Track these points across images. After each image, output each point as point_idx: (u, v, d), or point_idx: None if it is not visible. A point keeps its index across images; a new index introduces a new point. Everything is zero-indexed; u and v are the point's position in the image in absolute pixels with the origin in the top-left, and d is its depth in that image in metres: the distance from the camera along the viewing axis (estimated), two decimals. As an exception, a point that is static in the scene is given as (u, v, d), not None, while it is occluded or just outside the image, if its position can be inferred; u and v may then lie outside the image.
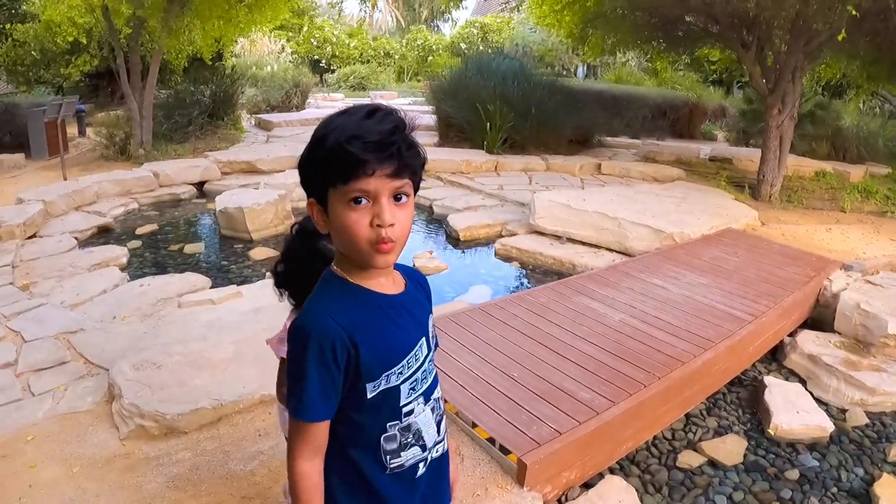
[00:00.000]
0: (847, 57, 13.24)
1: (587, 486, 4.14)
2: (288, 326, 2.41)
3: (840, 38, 8.85)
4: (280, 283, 2.70)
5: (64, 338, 5.44)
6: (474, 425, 4.05)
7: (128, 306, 6.16)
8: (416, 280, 2.02)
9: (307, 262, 2.42)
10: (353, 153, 1.59)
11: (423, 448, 1.93)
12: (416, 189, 1.78)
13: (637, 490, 4.24)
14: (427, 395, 1.93)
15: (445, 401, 4.26)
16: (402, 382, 1.83)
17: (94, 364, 5.05)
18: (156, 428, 4.11)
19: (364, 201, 1.63)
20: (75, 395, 4.61)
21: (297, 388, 1.71)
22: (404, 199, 1.71)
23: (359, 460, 1.85)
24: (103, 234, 9.10)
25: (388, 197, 1.66)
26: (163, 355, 4.78)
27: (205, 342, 4.99)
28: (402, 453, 1.88)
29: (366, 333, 1.72)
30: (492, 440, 3.89)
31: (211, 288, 6.74)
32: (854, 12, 8.36)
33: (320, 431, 1.76)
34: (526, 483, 3.64)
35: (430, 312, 2.03)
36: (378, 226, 1.65)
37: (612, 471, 4.49)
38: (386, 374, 1.79)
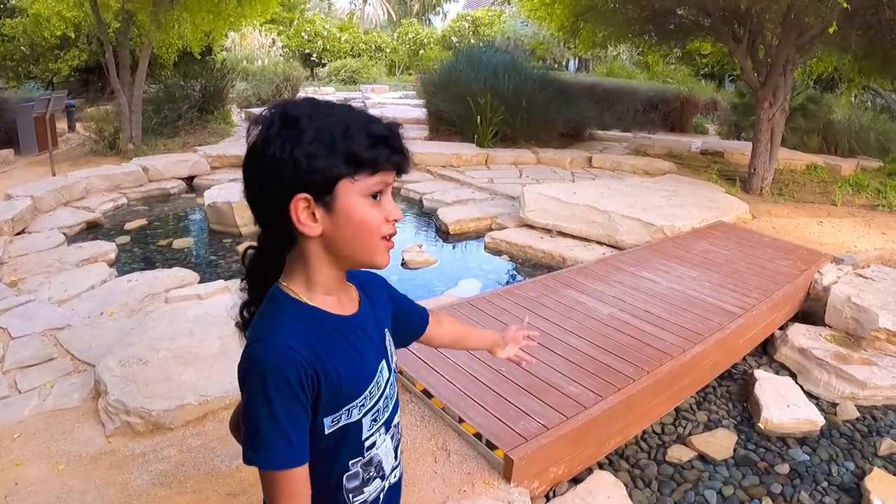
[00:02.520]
0: (838, 51, 13.23)
1: (575, 480, 4.12)
2: None
3: (831, 31, 8.85)
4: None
5: (51, 334, 5.41)
6: (461, 420, 4.03)
7: (115, 302, 6.12)
8: (368, 286, 1.82)
9: None
10: (394, 143, 1.51)
11: (383, 478, 1.78)
12: None
13: (626, 485, 4.23)
14: (388, 423, 1.76)
15: (431, 395, 4.26)
16: (364, 415, 1.64)
17: (80, 360, 5.03)
18: (141, 424, 4.08)
19: (380, 196, 1.53)
20: (62, 392, 4.58)
21: (260, 433, 1.44)
22: None
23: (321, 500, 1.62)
24: (92, 230, 9.06)
25: (390, 191, 1.58)
26: (149, 351, 4.75)
27: (191, 337, 4.96)
28: (364, 489, 1.72)
29: (325, 362, 1.51)
30: (478, 435, 3.87)
31: (199, 283, 6.72)
32: (845, 5, 8.33)
33: (298, 480, 1.50)
34: (513, 479, 3.62)
35: (388, 325, 1.83)
36: (394, 220, 1.57)
37: (600, 465, 4.48)
38: (347, 407, 1.59)
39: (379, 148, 1.47)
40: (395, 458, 1.83)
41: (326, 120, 1.46)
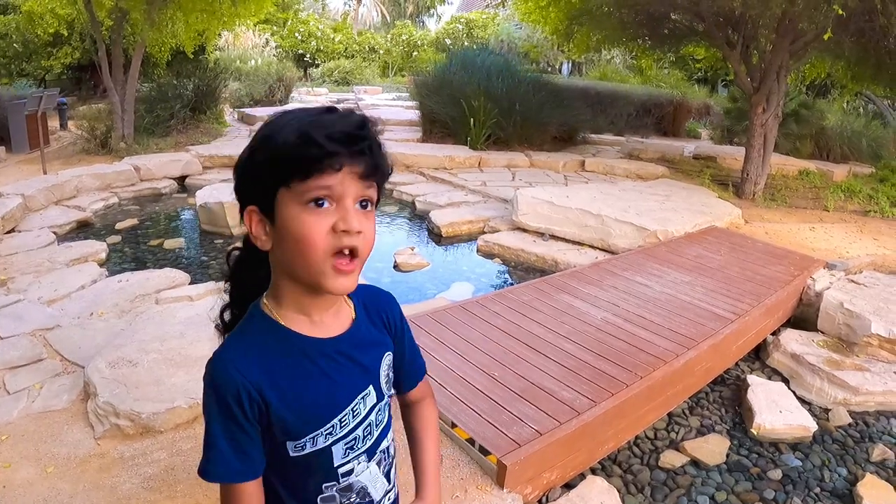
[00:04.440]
0: (832, 57, 13.25)
1: (568, 486, 4.10)
2: None
3: (826, 37, 8.84)
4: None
5: (40, 335, 5.36)
6: (454, 425, 4.01)
7: (105, 302, 6.08)
8: (372, 305, 1.70)
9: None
10: (318, 142, 1.32)
11: (371, 503, 1.66)
12: (378, 201, 1.49)
13: (619, 490, 4.21)
14: (372, 451, 1.64)
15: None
16: (334, 444, 1.53)
17: (70, 361, 4.98)
18: (131, 427, 4.05)
19: (326, 203, 1.35)
20: (51, 393, 4.53)
21: (204, 444, 1.44)
22: (370, 206, 1.44)
23: None
24: (83, 229, 9.01)
25: (353, 201, 1.38)
26: (139, 353, 4.71)
27: (182, 339, 4.92)
28: None
29: (280, 387, 1.44)
30: (471, 441, 3.85)
31: (190, 284, 6.68)
32: (840, 12, 8.34)
33: (246, 494, 1.45)
34: (506, 484, 3.60)
35: (390, 349, 1.72)
36: (343, 231, 1.36)
37: (593, 471, 4.46)
38: (311, 435, 1.49)
39: (307, 146, 1.33)
40: (389, 481, 1.74)
41: (270, 128, 1.40)
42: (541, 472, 3.87)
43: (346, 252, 1.38)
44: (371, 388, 1.61)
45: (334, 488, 1.58)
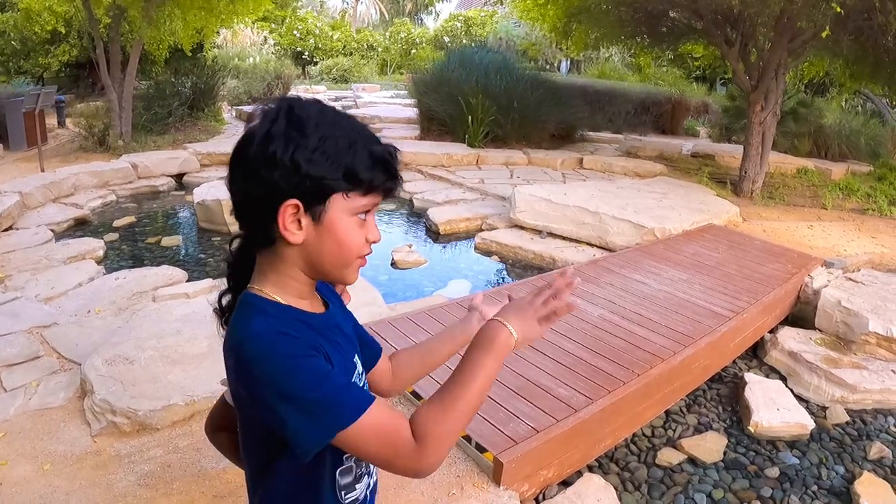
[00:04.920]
0: (830, 55, 13.24)
1: (565, 484, 4.10)
2: None
3: (824, 35, 8.84)
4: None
5: (37, 332, 5.36)
6: (451, 422, 3.99)
7: (103, 300, 6.07)
8: (328, 294, 1.74)
9: None
10: (392, 173, 1.46)
11: (370, 474, 1.71)
12: None
13: (616, 488, 4.21)
14: None
15: (420, 397, 4.23)
16: None
17: (66, 359, 4.99)
18: (128, 425, 4.05)
19: (365, 216, 1.48)
20: (47, 390, 4.53)
21: (320, 402, 1.32)
22: None
23: (313, 501, 1.57)
24: (80, 227, 9.01)
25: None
26: (136, 350, 4.71)
27: (179, 337, 4.92)
28: (356, 486, 1.63)
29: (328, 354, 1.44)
30: (468, 438, 3.83)
31: (187, 281, 6.68)
32: (838, 10, 8.34)
33: (382, 409, 1.37)
34: (502, 482, 3.59)
35: (353, 321, 1.81)
36: (372, 242, 1.51)
37: (590, 468, 4.46)
38: None
39: (377, 170, 1.43)
40: None
41: (332, 129, 1.40)
42: (537, 470, 3.87)
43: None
44: (356, 355, 1.67)
45: (352, 459, 1.60)
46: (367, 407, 1.35)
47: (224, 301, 1.65)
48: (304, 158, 1.36)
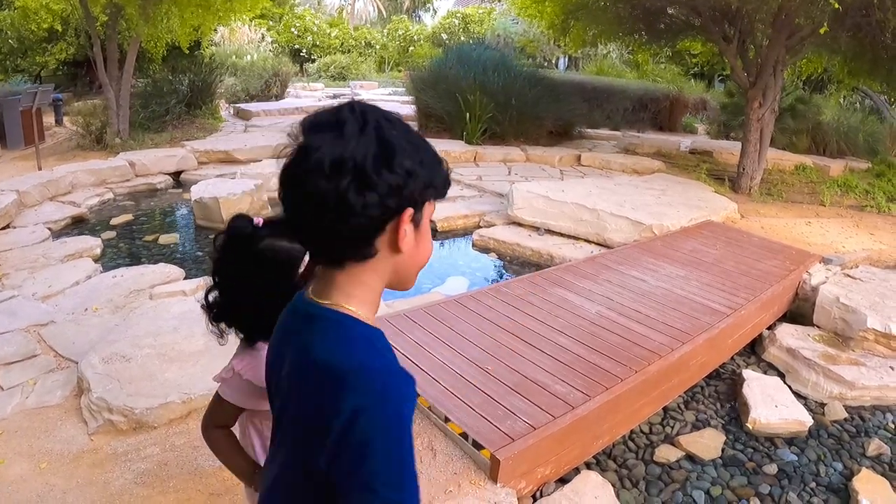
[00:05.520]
0: (828, 52, 13.24)
1: (563, 481, 4.10)
2: (235, 365, 2.10)
3: (822, 31, 8.83)
4: (219, 317, 2.06)
5: (35, 330, 5.36)
6: (447, 420, 3.99)
7: (100, 298, 6.07)
8: None
9: (251, 275, 1.92)
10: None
11: None
12: None
13: (613, 485, 4.21)
14: None
15: (417, 395, 4.22)
16: None
17: (63, 357, 4.99)
18: (124, 423, 4.04)
19: None
20: (45, 389, 4.53)
21: (405, 472, 1.26)
22: None
23: None
24: (77, 225, 9.00)
25: None
26: (133, 348, 4.70)
27: (176, 334, 4.91)
28: None
29: None
30: (465, 435, 3.83)
31: (185, 279, 6.67)
32: (836, 6, 8.32)
33: None
34: (499, 479, 3.59)
35: None
36: None
37: (588, 465, 4.46)
38: None
39: (448, 182, 1.45)
40: None
41: (419, 138, 1.39)
42: (535, 467, 3.86)
43: None
44: None
45: None
46: None
47: (211, 297, 1.65)
48: (418, 166, 1.33)
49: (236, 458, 2.22)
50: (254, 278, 1.91)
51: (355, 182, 1.26)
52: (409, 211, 1.33)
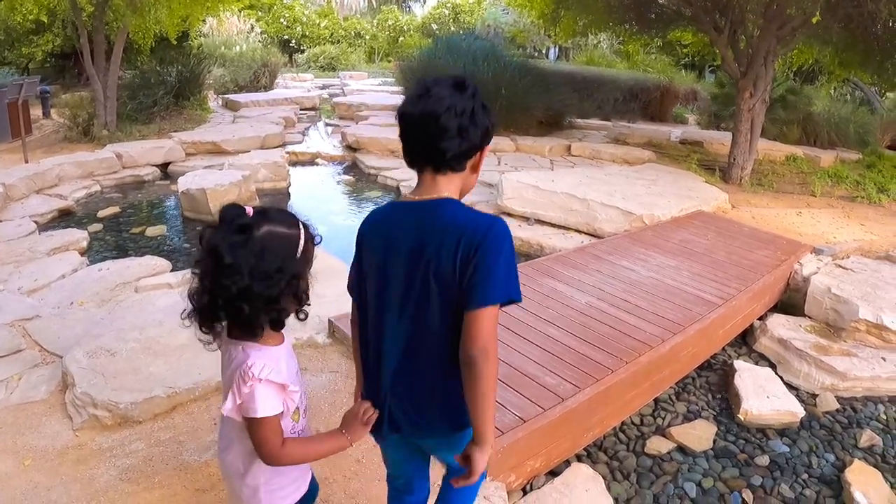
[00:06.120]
0: (820, 43, 13.23)
1: (553, 473, 4.07)
2: (252, 368, 1.95)
3: (815, 21, 8.80)
4: (211, 316, 2.01)
5: (20, 325, 5.29)
6: (436, 412, 3.94)
7: (86, 291, 6.00)
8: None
9: (256, 264, 1.90)
10: None
11: None
12: None
13: (604, 477, 4.18)
14: None
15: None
16: None
17: (49, 352, 4.93)
18: (109, 418, 3.99)
19: None
20: (29, 384, 4.47)
21: (515, 277, 2.09)
22: None
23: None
24: (64, 218, 8.94)
25: None
26: (118, 342, 4.65)
27: (161, 328, 4.86)
28: None
29: None
30: (453, 428, 3.78)
31: (171, 271, 6.61)
32: (828, -5, 8.31)
33: None
34: (488, 473, 3.54)
35: None
36: None
37: (578, 458, 4.44)
38: None
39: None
40: None
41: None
42: (524, 460, 3.83)
43: None
44: None
45: None
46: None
47: (194, 301, 1.99)
48: (490, 119, 2.19)
49: (324, 446, 2.23)
50: (260, 265, 1.90)
51: (470, 121, 2.10)
52: (488, 147, 2.22)
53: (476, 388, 2.02)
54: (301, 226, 2.05)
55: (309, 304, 2.11)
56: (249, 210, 1.96)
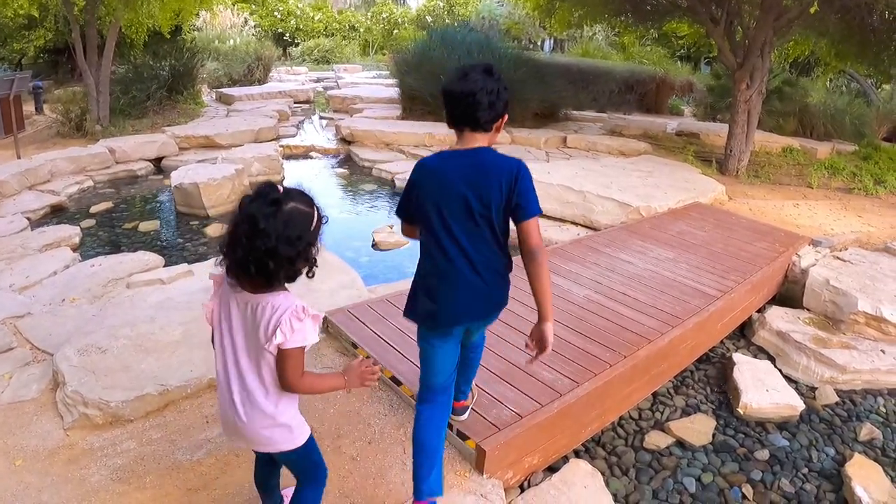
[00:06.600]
0: (816, 34, 13.21)
1: (551, 469, 4.01)
2: (302, 306, 2.44)
3: (813, 10, 8.73)
4: (247, 267, 2.39)
5: (11, 323, 5.23)
6: (432, 409, 3.89)
7: (78, 288, 5.95)
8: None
9: (281, 231, 2.33)
10: None
11: None
12: None
13: (602, 473, 4.14)
14: None
15: (400, 383, 4.13)
16: None
17: (40, 350, 4.87)
18: (100, 416, 3.93)
19: None
20: (20, 383, 4.41)
21: (537, 199, 2.96)
22: None
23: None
24: (57, 214, 8.87)
25: None
26: (109, 339, 4.59)
27: (152, 324, 4.80)
28: None
29: None
30: (449, 425, 3.71)
31: (164, 266, 6.55)
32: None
33: None
34: (486, 470, 3.50)
35: None
36: None
37: (576, 453, 4.40)
38: None
39: None
40: None
41: None
42: (522, 457, 3.78)
43: None
44: None
45: None
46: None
47: (235, 255, 2.36)
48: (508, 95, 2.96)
49: (326, 382, 2.72)
50: (285, 232, 2.33)
51: (497, 97, 2.88)
52: (506, 115, 2.97)
53: (539, 275, 3.03)
54: (316, 206, 2.49)
55: (317, 266, 2.51)
56: (280, 189, 2.39)
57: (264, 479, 3.02)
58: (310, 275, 2.52)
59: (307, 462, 2.80)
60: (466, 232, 2.98)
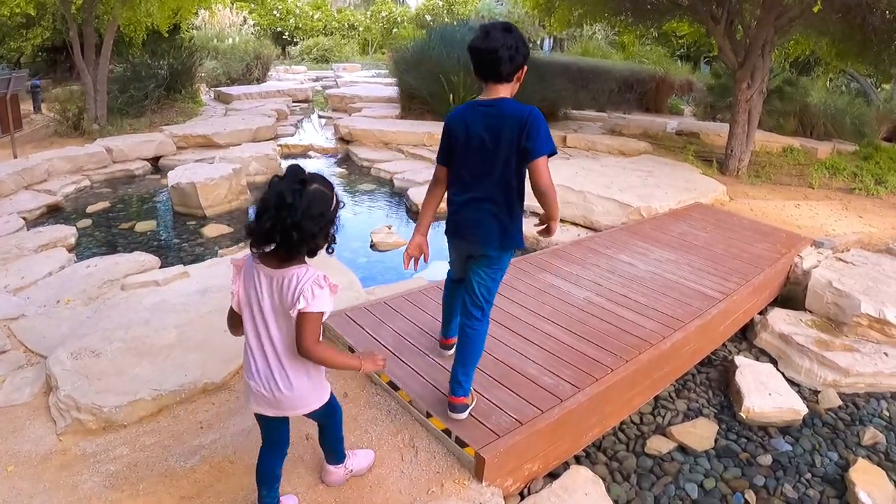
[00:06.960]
0: (817, 33, 13.18)
1: (552, 476, 3.95)
2: (323, 276, 2.68)
3: (815, 10, 8.69)
4: (272, 239, 2.63)
5: (4, 325, 5.19)
6: (429, 415, 3.83)
7: (73, 289, 5.89)
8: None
9: (305, 209, 2.56)
10: None
11: None
12: None
13: (604, 479, 4.07)
14: None
15: (397, 388, 4.07)
16: None
17: (34, 352, 4.82)
18: (93, 422, 3.88)
19: None
20: (13, 386, 4.36)
21: (552, 139, 3.31)
22: None
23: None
24: (53, 214, 8.81)
25: None
26: (103, 342, 4.53)
27: (147, 327, 4.74)
28: None
29: None
30: (448, 431, 3.67)
31: (161, 267, 6.49)
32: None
33: None
34: (485, 478, 3.44)
35: None
36: None
37: (577, 459, 4.33)
38: None
39: None
40: None
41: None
42: (522, 464, 3.72)
43: None
44: None
45: None
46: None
47: (263, 227, 2.55)
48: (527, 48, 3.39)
49: (341, 358, 2.97)
50: (309, 209, 2.57)
51: (516, 51, 3.31)
52: (525, 66, 3.42)
53: (548, 204, 3.46)
54: (335, 191, 2.75)
55: (336, 243, 2.77)
56: (307, 170, 2.67)
57: (272, 467, 3.13)
58: (329, 251, 2.77)
59: (328, 409, 3.09)
60: (489, 170, 3.45)
